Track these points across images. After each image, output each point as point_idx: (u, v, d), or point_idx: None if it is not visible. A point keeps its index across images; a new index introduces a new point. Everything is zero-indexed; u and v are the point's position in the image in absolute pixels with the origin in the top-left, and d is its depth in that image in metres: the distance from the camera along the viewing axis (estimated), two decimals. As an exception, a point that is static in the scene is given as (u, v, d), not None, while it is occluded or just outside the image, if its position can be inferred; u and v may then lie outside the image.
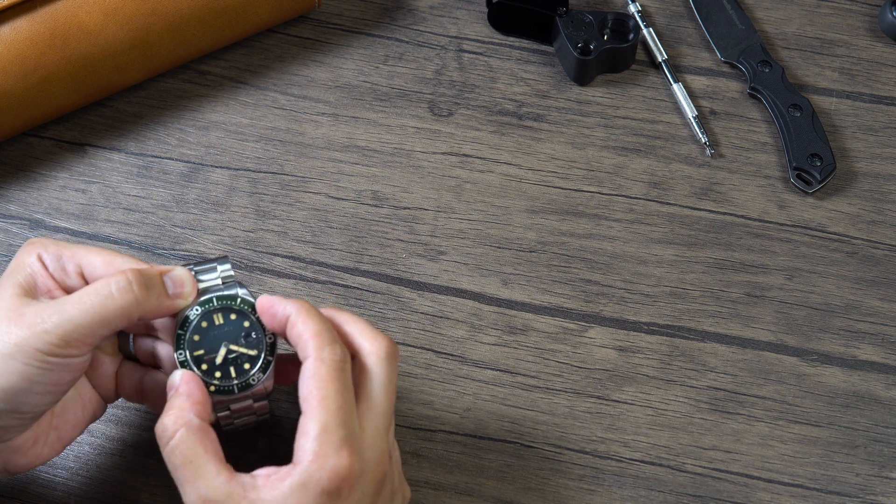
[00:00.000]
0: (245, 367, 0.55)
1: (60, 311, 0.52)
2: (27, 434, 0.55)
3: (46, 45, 0.67)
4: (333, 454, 0.51)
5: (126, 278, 0.53)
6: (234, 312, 0.56)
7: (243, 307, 0.56)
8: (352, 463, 0.52)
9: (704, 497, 0.63)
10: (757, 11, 0.78)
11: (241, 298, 0.56)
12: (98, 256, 0.56)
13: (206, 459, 0.52)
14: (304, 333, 0.54)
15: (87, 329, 0.52)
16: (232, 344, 0.55)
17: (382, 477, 0.54)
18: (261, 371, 0.55)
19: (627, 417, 0.65)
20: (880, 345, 0.67)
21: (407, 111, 0.74)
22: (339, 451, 0.51)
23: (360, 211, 0.71)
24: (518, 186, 0.72)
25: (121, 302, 0.53)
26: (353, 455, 0.52)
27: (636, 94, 0.75)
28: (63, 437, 0.57)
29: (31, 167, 0.71)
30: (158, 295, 0.54)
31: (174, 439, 0.52)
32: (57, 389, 0.54)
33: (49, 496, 0.62)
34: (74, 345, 0.52)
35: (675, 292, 0.69)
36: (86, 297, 0.53)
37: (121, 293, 0.53)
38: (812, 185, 0.71)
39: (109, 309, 0.53)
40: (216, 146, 0.72)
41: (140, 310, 0.54)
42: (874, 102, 0.75)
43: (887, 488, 0.63)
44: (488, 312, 0.68)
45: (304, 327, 0.54)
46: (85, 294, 0.53)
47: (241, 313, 0.56)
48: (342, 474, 0.51)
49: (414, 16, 0.77)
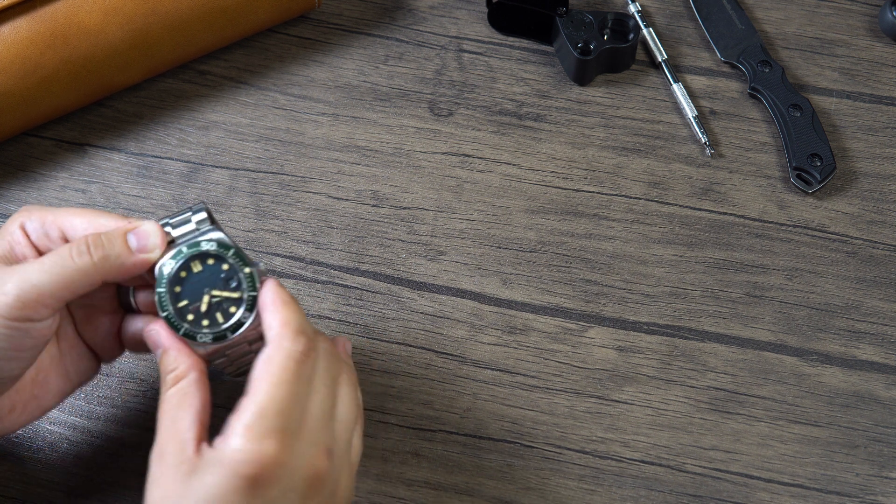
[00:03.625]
0: (231, 311, 0.54)
1: (20, 274, 0.52)
2: (3, 401, 0.55)
3: (46, 45, 0.67)
4: (258, 439, 0.50)
5: (85, 241, 0.53)
6: (211, 257, 0.55)
7: (219, 251, 0.55)
8: (277, 453, 0.50)
9: (704, 497, 0.63)
10: (757, 11, 0.78)
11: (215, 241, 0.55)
12: (80, 217, 0.55)
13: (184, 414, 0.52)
14: (273, 321, 0.53)
15: (45, 291, 0.52)
16: (214, 289, 0.54)
17: (315, 475, 0.52)
18: (247, 311, 0.54)
19: (627, 417, 0.65)
20: (880, 345, 0.67)
21: (407, 111, 0.74)
22: (265, 437, 0.50)
23: (360, 211, 0.71)
24: (518, 186, 0.72)
25: (80, 264, 0.53)
26: (279, 445, 0.50)
27: (636, 94, 0.75)
28: (43, 404, 0.58)
29: (31, 167, 0.71)
30: (119, 254, 0.54)
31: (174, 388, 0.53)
32: (22, 356, 0.53)
33: (47, 496, 0.62)
34: (31, 306, 0.52)
35: (675, 292, 0.69)
36: (46, 260, 0.53)
37: (79, 256, 0.53)
38: (812, 185, 0.71)
39: (68, 271, 0.52)
40: (216, 146, 0.72)
41: (101, 271, 0.53)
42: (874, 102, 0.75)
43: (887, 488, 0.63)
44: (488, 312, 0.68)
45: (273, 316, 0.54)
46: (47, 258, 0.53)
47: (218, 257, 0.55)
48: (263, 461, 0.50)
49: (414, 16, 0.77)
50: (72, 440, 0.63)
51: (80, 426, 0.64)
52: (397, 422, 0.65)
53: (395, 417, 0.65)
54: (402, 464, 0.64)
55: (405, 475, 0.63)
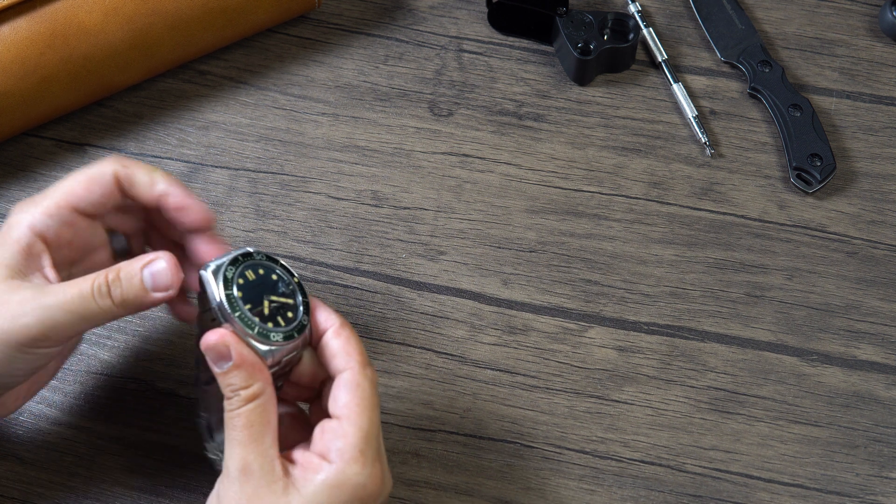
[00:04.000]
0: (289, 315, 0.55)
1: (42, 307, 0.53)
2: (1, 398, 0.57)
3: (46, 45, 0.67)
4: (370, 464, 0.52)
5: (105, 280, 0.54)
6: (261, 267, 0.56)
7: (268, 262, 0.56)
8: (383, 478, 0.53)
9: (704, 497, 0.63)
10: (757, 11, 0.78)
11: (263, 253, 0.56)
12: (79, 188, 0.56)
13: (267, 430, 0.52)
14: (349, 347, 0.55)
15: (67, 328, 0.54)
16: (272, 295, 0.55)
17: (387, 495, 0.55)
18: (305, 314, 0.55)
19: (627, 417, 0.65)
20: (880, 345, 0.67)
21: (407, 111, 0.74)
22: (374, 462, 0.53)
23: (360, 211, 0.71)
24: (518, 186, 0.72)
25: (102, 306, 0.54)
26: (383, 469, 0.53)
27: (636, 94, 0.75)
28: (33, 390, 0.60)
29: (31, 167, 0.71)
30: (137, 295, 0.54)
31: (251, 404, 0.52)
32: (34, 368, 0.55)
33: (47, 496, 0.62)
34: (54, 338, 0.54)
35: (675, 292, 0.69)
36: (68, 294, 0.53)
37: (101, 298, 0.54)
38: (812, 185, 0.71)
39: (91, 312, 0.54)
40: (216, 146, 0.72)
41: (121, 311, 0.54)
42: (874, 102, 0.75)
43: (887, 488, 0.63)
44: (488, 312, 0.68)
45: (348, 341, 0.55)
46: (68, 290, 0.53)
47: (267, 266, 0.56)
48: (373, 485, 0.52)
49: (414, 16, 0.77)
50: (72, 440, 0.63)
51: (81, 426, 0.64)
52: (397, 422, 0.65)
53: (395, 417, 0.65)
54: (402, 464, 0.64)
55: (405, 475, 0.63)
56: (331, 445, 0.52)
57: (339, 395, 0.53)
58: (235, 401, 0.52)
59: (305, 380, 0.56)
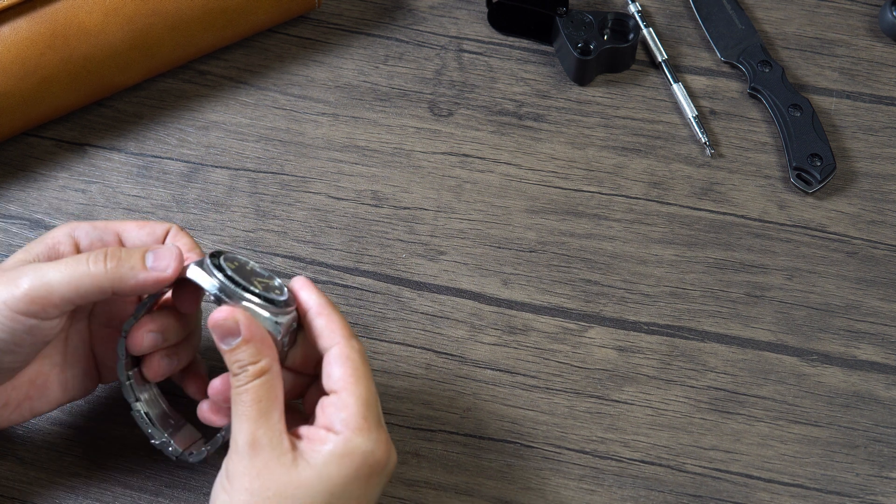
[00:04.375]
0: (277, 293, 0.56)
1: (37, 271, 0.54)
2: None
3: (46, 45, 0.67)
4: (375, 430, 0.53)
5: (104, 251, 0.54)
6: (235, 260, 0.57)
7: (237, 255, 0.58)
8: (388, 444, 0.54)
9: (704, 497, 0.63)
10: (757, 11, 0.78)
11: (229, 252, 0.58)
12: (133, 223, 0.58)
13: (275, 406, 0.53)
14: (332, 324, 0.55)
15: (55, 291, 0.53)
16: (256, 278, 0.56)
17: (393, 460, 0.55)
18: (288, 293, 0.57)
19: (627, 417, 0.65)
20: (880, 345, 0.67)
21: (407, 111, 0.74)
22: (378, 428, 0.53)
23: (360, 211, 0.71)
24: (518, 186, 0.72)
25: (93, 271, 0.54)
26: (386, 434, 0.54)
27: (636, 94, 0.75)
28: (35, 409, 0.59)
29: (31, 167, 0.71)
30: (132, 267, 0.54)
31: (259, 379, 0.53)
32: (20, 351, 0.55)
33: (47, 496, 0.62)
34: (40, 303, 0.53)
35: (675, 292, 0.69)
36: (63, 263, 0.54)
37: (94, 263, 0.54)
38: (812, 185, 0.71)
39: (81, 276, 0.54)
40: (216, 146, 0.72)
41: (111, 280, 0.54)
42: (874, 102, 0.75)
43: (887, 488, 0.63)
44: (488, 312, 0.68)
45: (329, 318, 0.56)
46: (64, 261, 0.54)
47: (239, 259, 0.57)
48: (381, 451, 0.53)
49: (414, 16, 0.77)
50: (72, 440, 0.63)
51: (81, 426, 0.64)
52: (397, 422, 0.65)
53: (395, 417, 0.65)
54: (402, 464, 0.64)
55: (405, 475, 0.63)
56: (334, 418, 0.53)
57: (332, 370, 0.54)
58: (243, 377, 0.53)
59: (298, 362, 0.57)
